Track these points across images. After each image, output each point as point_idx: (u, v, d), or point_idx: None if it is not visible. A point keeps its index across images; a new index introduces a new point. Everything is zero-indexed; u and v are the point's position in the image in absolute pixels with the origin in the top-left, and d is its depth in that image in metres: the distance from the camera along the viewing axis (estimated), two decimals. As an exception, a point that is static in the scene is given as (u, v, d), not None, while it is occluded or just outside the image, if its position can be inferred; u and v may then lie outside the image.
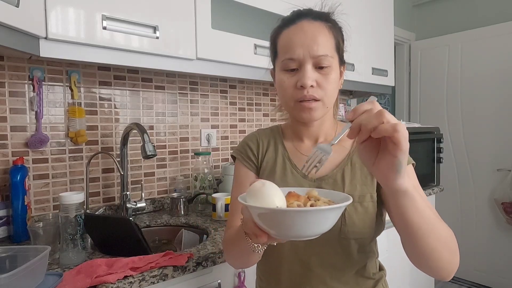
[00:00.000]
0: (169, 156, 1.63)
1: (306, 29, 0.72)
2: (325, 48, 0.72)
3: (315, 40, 0.71)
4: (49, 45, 1.02)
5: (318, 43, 0.71)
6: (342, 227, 0.73)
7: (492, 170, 2.69)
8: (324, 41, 0.72)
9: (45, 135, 1.27)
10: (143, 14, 1.17)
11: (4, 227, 1.17)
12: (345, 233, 0.73)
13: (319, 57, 0.71)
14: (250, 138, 0.88)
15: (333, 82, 0.74)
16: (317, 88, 0.72)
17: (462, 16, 2.89)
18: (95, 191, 1.42)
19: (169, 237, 1.36)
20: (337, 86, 0.76)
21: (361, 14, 2.01)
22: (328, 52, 0.72)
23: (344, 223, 0.73)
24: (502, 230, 2.65)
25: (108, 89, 1.44)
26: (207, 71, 1.39)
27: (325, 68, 0.72)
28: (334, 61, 0.74)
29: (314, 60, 0.71)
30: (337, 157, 0.78)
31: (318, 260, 0.76)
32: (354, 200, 0.71)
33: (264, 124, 2.00)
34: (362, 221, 0.74)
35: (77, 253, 0.98)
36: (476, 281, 2.80)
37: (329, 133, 0.81)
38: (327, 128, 0.82)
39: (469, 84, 2.79)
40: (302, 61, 0.72)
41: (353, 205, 0.73)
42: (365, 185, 0.76)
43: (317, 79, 0.72)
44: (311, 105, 0.72)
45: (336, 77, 0.75)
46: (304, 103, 0.73)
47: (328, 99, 0.74)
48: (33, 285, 0.76)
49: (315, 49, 0.71)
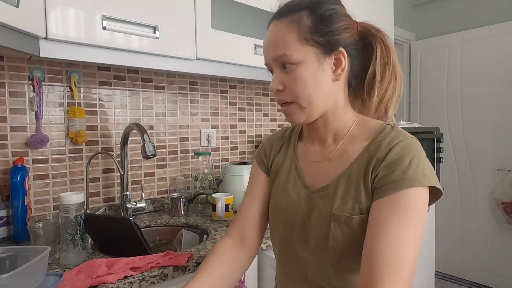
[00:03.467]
0: (169, 156, 1.63)
1: (268, 33, 0.70)
2: (283, 47, 0.66)
3: (271, 43, 0.69)
4: (49, 45, 1.01)
5: (274, 45, 0.68)
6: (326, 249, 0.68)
7: (492, 170, 2.69)
8: (281, 40, 0.66)
9: (45, 135, 1.27)
10: (143, 14, 1.17)
11: (4, 227, 1.17)
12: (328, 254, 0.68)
13: (278, 57, 0.67)
14: (268, 138, 0.88)
15: (303, 80, 0.66)
16: (286, 90, 0.68)
17: (462, 16, 2.89)
18: (95, 191, 1.42)
19: (169, 237, 1.36)
20: (316, 81, 0.66)
21: (360, 14, 2.00)
22: (286, 51, 0.65)
23: (327, 244, 0.67)
24: (502, 230, 2.65)
25: (108, 89, 1.44)
26: (207, 71, 1.39)
27: (289, 67, 0.66)
28: (301, 55, 0.65)
29: (277, 62, 0.68)
30: (341, 165, 0.70)
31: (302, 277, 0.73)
32: (340, 221, 0.66)
33: (264, 124, 2.00)
34: (349, 244, 0.66)
35: (77, 253, 0.98)
36: (476, 281, 2.80)
37: (340, 133, 0.73)
38: (337, 127, 0.73)
39: (469, 84, 2.79)
40: (270, 65, 0.70)
41: (339, 226, 0.66)
42: (357, 203, 0.65)
43: (284, 80, 0.67)
44: (287, 110, 0.70)
45: (308, 71, 0.66)
46: (281, 108, 0.71)
47: (302, 100, 0.67)
48: (33, 285, 0.76)
49: (273, 52, 0.68)
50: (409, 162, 0.61)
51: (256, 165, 0.85)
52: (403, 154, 0.62)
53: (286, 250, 0.76)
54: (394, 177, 0.61)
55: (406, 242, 0.58)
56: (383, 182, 0.62)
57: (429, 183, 0.61)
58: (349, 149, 0.70)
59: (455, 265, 2.90)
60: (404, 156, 0.62)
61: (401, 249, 0.57)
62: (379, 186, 0.63)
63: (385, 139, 0.66)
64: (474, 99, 2.77)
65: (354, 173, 0.67)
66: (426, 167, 0.62)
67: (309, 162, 0.76)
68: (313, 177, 0.74)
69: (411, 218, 0.59)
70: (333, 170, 0.71)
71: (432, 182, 0.61)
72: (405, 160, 0.62)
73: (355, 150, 0.69)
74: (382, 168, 0.63)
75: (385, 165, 0.63)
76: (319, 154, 0.75)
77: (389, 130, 0.68)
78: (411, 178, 0.60)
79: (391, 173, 0.62)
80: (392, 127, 0.69)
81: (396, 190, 0.60)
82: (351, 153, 0.69)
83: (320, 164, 0.73)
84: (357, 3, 1.97)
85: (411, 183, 0.60)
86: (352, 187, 0.67)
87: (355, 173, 0.67)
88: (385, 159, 0.63)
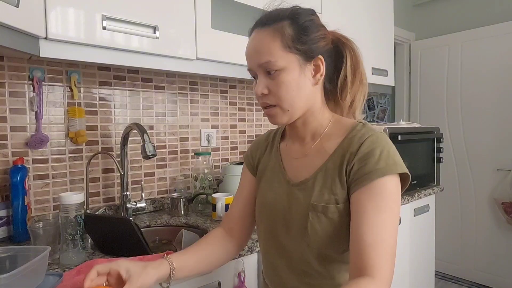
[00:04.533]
0: (169, 156, 1.63)
1: (251, 40, 0.75)
2: (267, 54, 0.71)
3: (256, 50, 0.73)
4: (49, 45, 1.01)
5: (258, 52, 0.72)
6: (305, 238, 0.74)
7: (492, 170, 2.69)
8: (265, 47, 0.71)
9: (45, 135, 1.27)
10: (143, 14, 1.17)
11: (4, 227, 1.17)
12: (307, 242, 0.74)
13: (262, 64, 0.72)
14: (255, 142, 0.96)
15: (286, 85, 0.71)
16: (270, 95, 0.73)
17: (462, 16, 2.89)
18: (95, 191, 1.42)
19: (169, 237, 1.36)
20: (298, 86, 0.72)
21: (361, 14, 2.01)
22: (270, 58, 0.71)
23: (306, 233, 0.73)
24: (502, 230, 2.65)
25: (108, 89, 1.44)
26: (207, 71, 1.39)
27: (273, 73, 0.72)
28: (284, 62, 0.71)
29: (262, 68, 0.73)
30: (318, 161, 0.77)
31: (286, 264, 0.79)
32: (317, 210, 0.72)
33: (264, 124, 2.00)
34: (326, 233, 0.72)
35: (77, 253, 0.98)
36: (476, 280, 2.80)
37: (317, 131, 0.79)
38: (314, 126, 0.79)
39: (469, 84, 2.79)
40: (254, 71, 0.75)
41: (316, 215, 0.72)
42: (333, 194, 0.72)
43: (269, 85, 0.73)
44: (270, 112, 0.75)
45: (291, 77, 0.72)
46: (265, 110, 0.76)
47: (285, 103, 0.73)
48: (33, 285, 0.76)
49: (258, 58, 0.72)
50: (379, 154, 0.69)
51: (245, 167, 0.94)
52: (373, 148, 0.70)
53: (269, 240, 0.83)
54: (367, 169, 0.68)
55: (385, 228, 0.66)
56: (358, 174, 0.69)
57: (400, 170, 0.69)
58: (325, 145, 0.78)
59: (455, 265, 2.90)
60: (374, 149, 0.70)
61: (381, 235, 0.65)
62: (356, 178, 0.70)
63: (356, 135, 0.74)
64: (474, 99, 2.77)
65: (330, 168, 0.74)
66: (395, 157, 0.70)
67: (290, 159, 0.83)
68: (294, 172, 0.81)
69: (386, 205, 0.67)
70: (311, 165, 0.78)
71: (400, 169, 0.69)
72: (376, 152, 0.69)
73: (330, 147, 0.77)
74: (356, 161, 0.70)
75: (358, 158, 0.70)
76: (298, 151, 0.82)
77: (361, 127, 0.76)
78: (382, 168, 0.68)
79: (364, 166, 0.69)
80: (364, 125, 0.76)
81: (370, 180, 0.67)
82: (327, 149, 0.77)
83: (300, 160, 0.81)
84: (357, 3, 1.98)
85: (383, 172, 0.67)
86: (328, 180, 0.74)
87: (331, 168, 0.74)
88: (358, 153, 0.71)
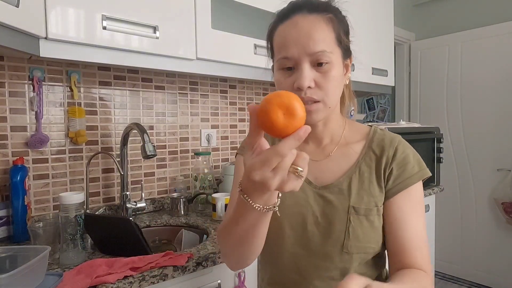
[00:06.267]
0: (169, 156, 1.63)
1: (300, 24, 0.65)
2: (323, 43, 0.65)
3: (310, 36, 0.64)
4: (49, 45, 1.01)
5: (313, 39, 0.64)
6: (345, 242, 0.71)
7: (492, 170, 2.69)
8: (321, 35, 0.65)
9: (45, 135, 1.27)
10: (143, 14, 1.17)
11: (4, 227, 1.17)
12: (347, 247, 0.71)
13: (316, 53, 0.64)
14: None
15: (334, 80, 0.67)
16: (316, 88, 0.66)
17: (462, 16, 2.89)
18: (95, 191, 1.42)
19: (169, 237, 1.36)
20: (340, 82, 0.70)
21: (361, 14, 2.01)
22: (326, 48, 0.65)
23: (348, 237, 0.71)
24: (502, 230, 2.65)
25: (108, 89, 1.44)
26: (207, 71, 1.39)
27: (324, 65, 0.65)
28: (334, 56, 0.67)
29: (311, 58, 0.65)
30: (344, 163, 0.75)
31: (316, 273, 0.74)
32: (359, 213, 0.71)
33: (264, 124, 2.00)
34: (367, 236, 0.71)
35: (77, 253, 0.98)
36: (476, 281, 2.80)
37: (335, 133, 0.77)
38: (333, 128, 0.76)
39: (469, 84, 2.79)
40: (297, 59, 0.65)
41: (358, 218, 0.71)
42: (372, 197, 0.72)
43: (316, 78, 0.65)
44: (311, 107, 0.66)
45: (338, 73, 0.68)
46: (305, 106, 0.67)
47: (330, 99, 0.67)
48: (33, 285, 0.76)
49: (311, 46, 0.64)
50: (413, 158, 0.74)
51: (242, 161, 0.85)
52: (407, 153, 0.74)
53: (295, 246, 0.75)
54: (407, 174, 0.72)
55: (423, 229, 0.72)
56: (399, 179, 0.72)
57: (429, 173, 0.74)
58: (348, 148, 0.77)
59: (455, 265, 2.90)
60: (408, 154, 0.74)
61: (422, 236, 0.71)
62: (397, 183, 0.72)
63: (384, 138, 0.75)
64: (474, 99, 2.77)
65: (366, 171, 0.74)
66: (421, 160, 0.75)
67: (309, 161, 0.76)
68: (315, 175, 0.77)
69: (421, 208, 0.73)
70: (338, 168, 0.76)
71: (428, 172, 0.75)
72: (410, 157, 0.73)
73: (356, 149, 0.76)
74: (395, 166, 0.73)
75: (396, 163, 0.73)
76: (316, 153, 0.78)
77: (381, 131, 0.78)
78: (418, 172, 0.73)
79: (404, 171, 0.72)
80: (380, 129, 0.79)
81: (410, 184, 0.72)
82: (353, 152, 0.76)
83: (321, 162, 0.77)
84: (357, 3, 1.98)
85: (420, 176, 0.73)
86: (365, 183, 0.74)
87: (366, 171, 0.74)
88: (395, 157, 0.73)
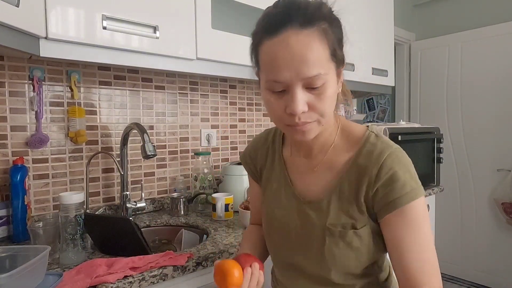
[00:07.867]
0: (169, 156, 1.63)
1: (292, 44, 0.57)
2: (318, 65, 0.58)
3: (303, 59, 0.57)
4: (49, 45, 1.01)
5: (307, 63, 0.57)
6: (322, 259, 0.68)
7: (492, 170, 2.69)
8: (316, 55, 0.58)
9: (45, 135, 1.27)
10: (143, 14, 1.17)
11: (4, 227, 1.17)
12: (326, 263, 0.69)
13: (311, 78, 0.58)
14: (254, 143, 0.88)
15: (329, 99, 0.62)
16: (310, 111, 0.61)
17: (462, 16, 2.89)
18: (95, 191, 1.42)
19: (169, 237, 1.36)
20: (335, 96, 0.64)
21: (361, 14, 2.01)
22: (321, 70, 0.58)
23: (324, 256, 0.68)
24: (502, 230, 2.65)
25: (108, 89, 1.44)
26: (207, 71, 1.39)
27: (319, 88, 0.59)
28: (329, 75, 0.60)
29: (304, 82, 0.59)
30: (328, 177, 0.71)
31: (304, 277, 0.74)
32: (334, 235, 0.67)
33: (264, 124, 2.00)
34: (345, 256, 0.67)
35: (77, 253, 0.98)
36: (476, 281, 2.80)
37: (326, 142, 0.72)
38: (324, 136, 0.71)
39: (469, 84, 2.79)
40: (290, 83, 0.59)
41: (333, 239, 0.67)
42: (350, 218, 0.67)
43: (309, 101, 0.60)
44: (305, 128, 0.62)
45: (333, 90, 0.62)
46: (296, 127, 0.62)
47: (325, 118, 0.63)
48: (33, 285, 0.76)
49: (305, 71, 0.57)
50: (403, 177, 0.63)
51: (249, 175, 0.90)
52: (395, 171, 0.64)
53: (280, 254, 0.79)
54: (394, 195, 0.63)
55: (424, 246, 0.64)
56: (385, 200, 0.64)
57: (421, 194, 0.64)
58: (335, 161, 0.71)
59: (455, 265, 2.90)
60: (396, 172, 0.63)
61: (422, 254, 0.64)
62: (383, 205, 0.64)
63: (373, 151, 0.66)
64: (474, 99, 2.77)
65: (346, 190, 0.68)
66: (416, 176, 0.66)
67: (297, 173, 0.76)
68: (302, 188, 0.74)
69: (419, 225, 0.64)
70: (321, 182, 0.72)
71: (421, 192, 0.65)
72: (399, 176, 0.63)
73: (341, 161, 0.70)
74: (380, 187, 0.64)
75: (381, 184, 0.64)
76: (305, 165, 0.75)
77: (374, 139, 0.69)
78: (409, 193, 0.63)
79: (390, 192, 0.63)
80: (376, 136, 0.69)
81: (399, 206, 0.63)
82: (337, 165, 0.70)
83: (307, 175, 0.74)
84: (357, 3, 1.98)
85: (411, 197, 0.63)
86: (344, 203, 0.68)
87: (346, 190, 0.68)
88: (378, 177, 0.64)
